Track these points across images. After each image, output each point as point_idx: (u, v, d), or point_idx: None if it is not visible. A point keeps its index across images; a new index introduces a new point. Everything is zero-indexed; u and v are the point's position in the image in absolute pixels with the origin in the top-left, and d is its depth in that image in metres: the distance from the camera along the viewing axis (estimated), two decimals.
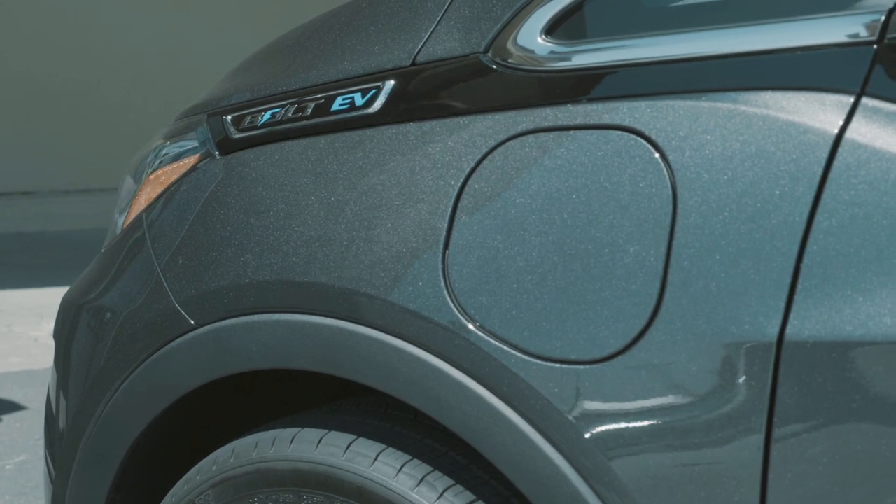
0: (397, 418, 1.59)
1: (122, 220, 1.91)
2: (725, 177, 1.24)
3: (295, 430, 1.57)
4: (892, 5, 1.19)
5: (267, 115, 1.64)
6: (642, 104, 1.32)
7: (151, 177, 1.85)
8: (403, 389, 1.47)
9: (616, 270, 1.33)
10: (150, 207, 1.80)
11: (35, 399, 4.35)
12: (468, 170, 1.41)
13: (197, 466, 1.66)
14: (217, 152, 1.71)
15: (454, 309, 1.40)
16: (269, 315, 1.56)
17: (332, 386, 1.73)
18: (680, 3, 1.40)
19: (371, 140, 1.52)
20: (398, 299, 1.44)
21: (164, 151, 1.89)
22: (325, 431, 1.55)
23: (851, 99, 1.20)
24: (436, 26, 1.48)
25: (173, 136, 1.88)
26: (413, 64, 1.48)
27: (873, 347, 1.14)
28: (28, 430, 3.94)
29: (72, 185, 9.55)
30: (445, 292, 1.41)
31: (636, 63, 1.35)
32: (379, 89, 1.54)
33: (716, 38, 1.30)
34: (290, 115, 1.62)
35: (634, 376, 1.26)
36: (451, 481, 1.48)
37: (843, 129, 1.19)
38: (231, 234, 1.61)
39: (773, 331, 1.18)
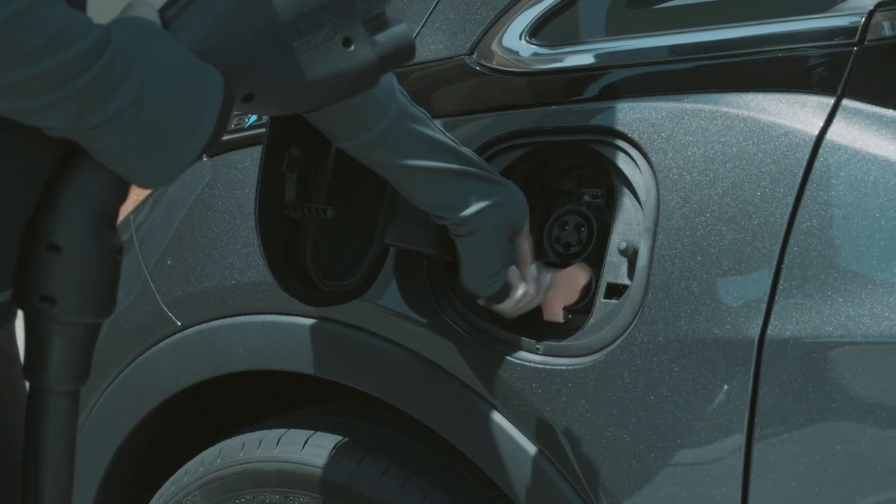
0: (383, 419, 1.59)
1: None
2: (707, 178, 1.24)
3: (281, 431, 1.58)
4: (871, 7, 1.20)
5: (253, 118, 1.64)
6: (625, 105, 1.32)
7: None
8: (391, 392, 1.47)
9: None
10: (137, 209, 1.80)
11: None
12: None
13: (184, 467, 1.66)
14: (204, 154, 1.71)
15: (440, 310, 1.40)
16: (256, 316, 1.57)
17: (320, 387, 1.73)
18: (663, 4, 1.41)
19: None
20: (387, 302, 1.44)
21: None
22: (312, 432, 1.55)
23: (832, 101, 1.21)
24: (421, 28, 1.49)
25: None
26: None
27: (853, 347, 1.14)
28: None
29: None
30: (432, 294, 1.41)
31: (619, 65, 1.35)
32: None
33: (697, 40, 1.30)
34: None
35: (616, 377, 1.26)
36: (437, 482, 1.48)
37: (823, 131, 1.20)
38: (218, 236, 1.61)
39: (755, 331, 1.18)
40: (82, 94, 0.90)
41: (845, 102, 1.20)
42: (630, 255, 1.29)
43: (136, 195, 1.82)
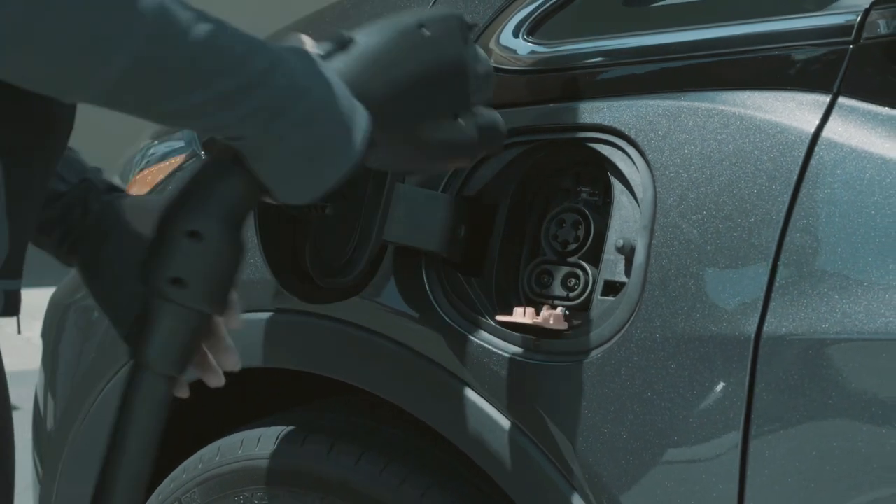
0: (382, 416, 1.59)
1: None
2: (703, 176, 1.25)
3: (280, 428, 1.58)
4: (867, 5, 1.20)
5: None
6: (623, 104, 1.32)
7: (138, 177, 1.86)
8: (389, 389, 1.48)
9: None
10: None
11: (28, 399, 4.31)
12: (451, 169, 1.41)
13: (183, 465, 1.67)
14: (202, 152, 1.71)
15: (438, 308, 1.41)
16: (255, 314, 1.57)
17: (318, 384, 1.73)
18: (660, 2, 1.41)
19: None
20: (385, 299, 1.44)
21: (151, 151, 1.89)
22: (310, 430, 1.56)
23: (828, 98, 1.21)
24: None
25: (160, 136, 1.89)
26: None
27: (849, 344, 1.15)
28: (20, 431, 3.93)
29: None
30: (429, 291, 1.42)
31: (616, 62, 1.36)
32: None
33: (694, 38, 1.31)
34: None
35: (614, 373, 1.26)
36: (435, 479, 1.48)
37: (819, 129, 1.20)
38: None
39: (751, 328, 1.19)
40: (259, 112, 0.99)
41: (841, 100, 1.21)
42: (627, 252, 1.30)
43: (136, 193, 1.83)
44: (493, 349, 1.36)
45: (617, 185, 1.33)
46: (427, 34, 1.13)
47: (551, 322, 1.33)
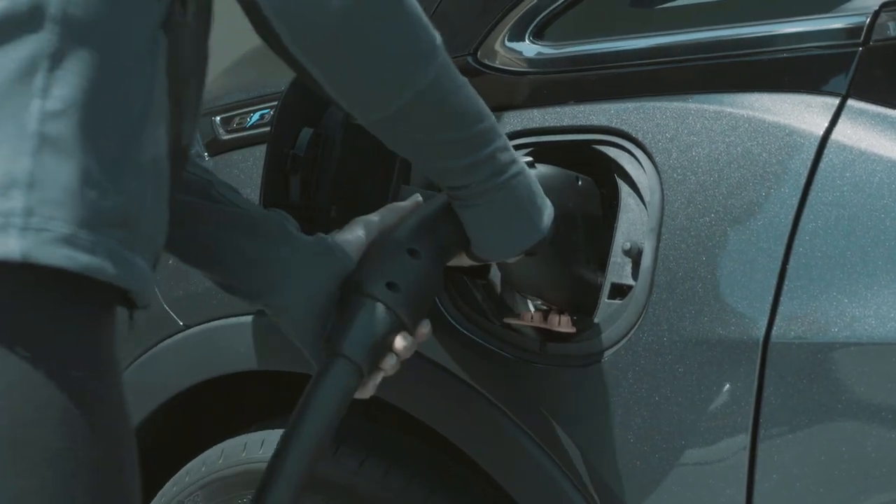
0: (386, 420, 1.59)
1: None
2: (711, 178, 1.24)
3: (283, 431, 1.57)
4: (877, 7, 1.20)
5: (256, 117, 1.64)
6: (630, 106, 1.32)
7: None
8: (394, 393, 1.47)
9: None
10: None
11: None
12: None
13: (186, 467, 1.66)
14: (206, 153, 1.70)
15: (444, 311, 1.40)
16: (258, 317, 1.57)
17: None
18: (666, 4, 1.41)
19: None
20: None
21: None
22: None
23: (837, 101, 1.20)
24: None
25: None
26: None
27: (858, 349, 1.14)
28: None
29: None
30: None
31: (623, 64, 1.35)
32: None
33: (702, 40, 1.30)
34: None
35: (621, 377, 1.26)
36: (439, 483, 1.48)
37: (828, 131, 1.20)
38: None
39: (759, 332, 1.18)
40: (487, 163, 1.15)
41: (850, 103, 1.20)
42: (634, 255, 1.29)
43: None
44: (500, 353, 1.36)
45: (624, 188, 1.32)
46: (580, 185, 1.33)
47: (558, 325, 1.32)
